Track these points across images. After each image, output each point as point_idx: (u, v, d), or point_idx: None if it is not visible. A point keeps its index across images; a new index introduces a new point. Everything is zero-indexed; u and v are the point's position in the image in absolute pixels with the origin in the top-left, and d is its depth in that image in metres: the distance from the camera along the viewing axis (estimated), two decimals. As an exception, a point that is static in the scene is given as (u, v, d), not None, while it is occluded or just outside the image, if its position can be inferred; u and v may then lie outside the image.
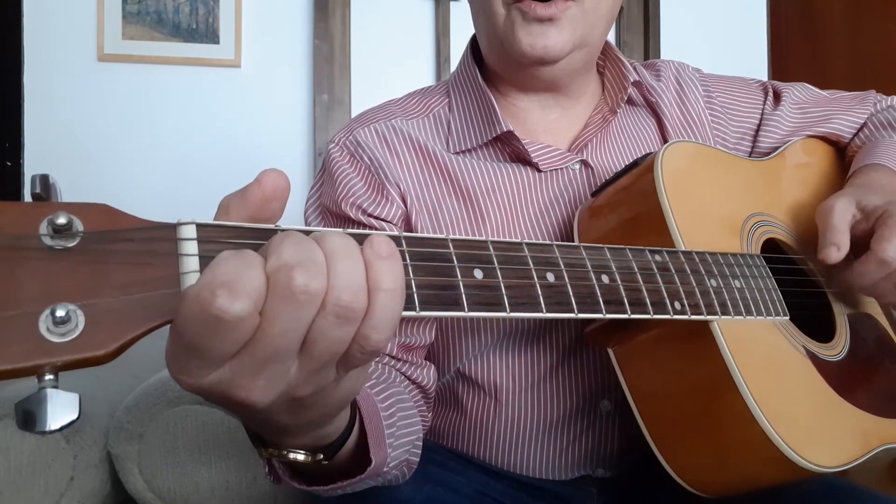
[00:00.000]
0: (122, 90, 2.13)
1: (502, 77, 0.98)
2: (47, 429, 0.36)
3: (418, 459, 0.82)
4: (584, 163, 0.95)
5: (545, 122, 0.98)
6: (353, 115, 2.10)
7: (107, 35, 2.10)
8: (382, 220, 0.90)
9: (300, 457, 0.56)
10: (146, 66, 2.14)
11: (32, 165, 2.08)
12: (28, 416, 0.36)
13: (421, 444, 0.83)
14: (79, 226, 0.38)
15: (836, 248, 0.82)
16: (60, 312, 0.36)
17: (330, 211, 0.92)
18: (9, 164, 2.05)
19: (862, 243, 0.84)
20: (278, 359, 0.41)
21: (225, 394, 0.42)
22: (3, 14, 2.06)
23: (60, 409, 0.36)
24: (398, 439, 0.75)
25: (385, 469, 0.69)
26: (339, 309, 0.40)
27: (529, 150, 0.92)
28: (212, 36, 2.15)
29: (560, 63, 0.89)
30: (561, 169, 0.94)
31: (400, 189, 0.91)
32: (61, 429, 0.36)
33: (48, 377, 0.36)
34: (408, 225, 0.92)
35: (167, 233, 0.41)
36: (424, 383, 0.90)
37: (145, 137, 2.14)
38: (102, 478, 1.19)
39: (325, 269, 0.40)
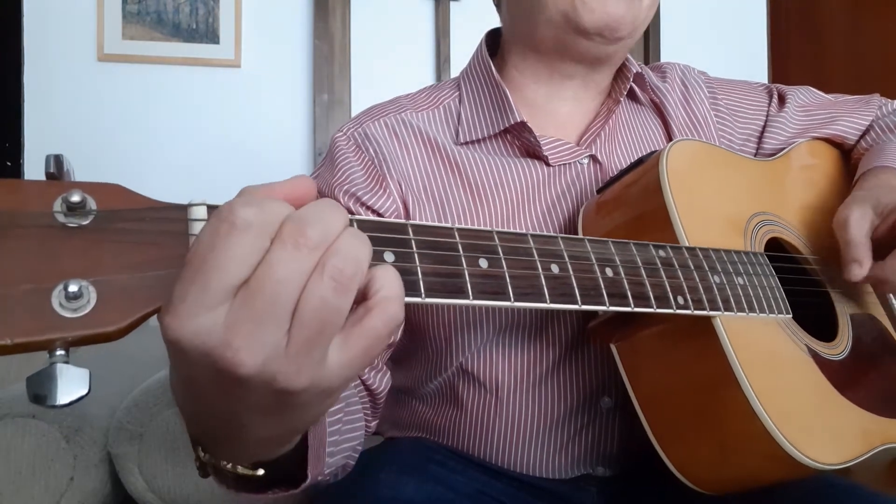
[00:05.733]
0: (122, 90, 2.13)
1: (532, 59, 0.98)
2: (58, 403, 0.37)
3: (354, 462, 0.81)
4: (593, 157, 0.95)
5: (556, 116, 0.98)
6: (353, 114, 2.10)
7: (107, 35, 2.11)
8: (376, 211, 0.90)
9: (240, 469, 0.54)
10: (146, 66, 2.14)
11: (32, 165, 2.08)
12: (39, 390, 0.37)
13: (361, 448, 0.82)
14: (92, 204, 0.38)
15: (859, 265, 0.82)
16: (73, 288, 0.36)
17: (322, 195, 0.92)
18: (9, 164, 2.05)
19: (878, 244, 0.84)
20: (274, 314, 0.39)
21: (214, 350, 0.39)
22: (3, 14, 2.06)
23: (71, 383, 0.37)
24: (338, 446, 0.74)
25: (320, 478, 0.68)
26: (335, 271, 0.39)
27: (541, 143, 0.92)
28: (212, 36, 2.16)
29: (615, 45, 0.91)
30: (570, 163, 0.94)
31: (401, 187, 0.92)
32: (70, 403, 0.37)
33: (59, 352, 0.37)
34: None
35: (179, 213, 0.41)
36: (375, 388, 0.88)
37: (145, 137, 2.14)
38: (102, 478, 1.19)
39: (335, 235, 0.40)
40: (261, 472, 0.54)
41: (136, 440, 1.17)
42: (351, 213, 0.89)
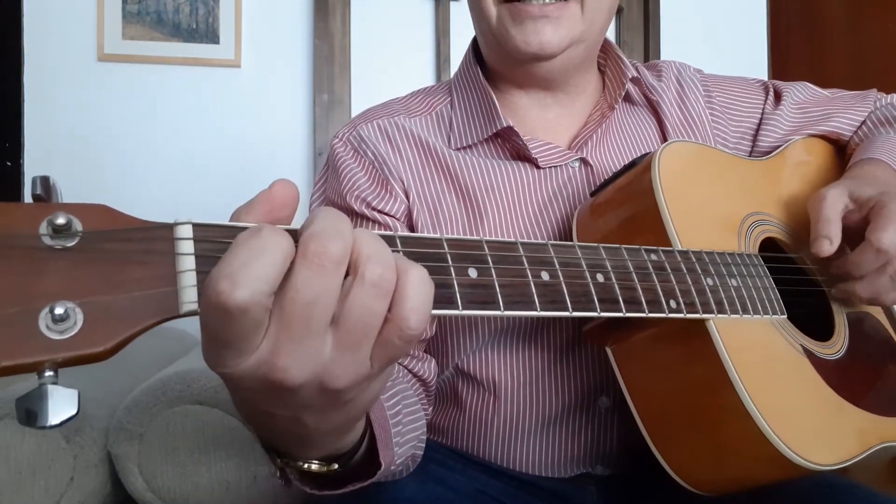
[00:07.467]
0: (122, 90, 2.13)
1: (502, 75, 0.98)
2: (48, 424, 0.37)
3: (422, 452, 0.83)
4: (584, 160, 0.95)
5: (545, 121, 0.98)
6: (353, 114, 2.11)
7: (107, 35, 2.11)
8: (387, 214, 0.91)
9: (314, 467, 0.56)
10: (146, 66, 2.14)
11: (32, 165, 2.08)
12: (29, 411, 0.37)
13: (425, 437, 0.84)
14: (78, 226, 0.39)
15: (829, 241, 0.82)
16: (59, 310, 0.37)
17: (335, 204, 0.93)
18: (9, 164, 2.05)
19: (856, 234, 0.84)
20: (313, 332, 0.41)
21: (265, 377, 0.42)
22: (3, 14, 2.06)
23: (60, 404, 0.37)
24: (404, 436, 0.76)
25: (392, 468, 0.70)
26: (375, 278, 0.41)
27: (529, 146, 0.92)
28: (212, 36, 2.15)
29: (558, 58, 0.90)
30: (560, 166, 0.94)
31: (403, 184, 0.92)
32: (61, 423, 0.37)
33: (48, 373, 0.37)
34: (410, 220, 0.93)
35: (164, 232, 0.41)
36: (425, 376, 0.90)
37: (145, 137, 2.14)
38: (102, 478, 1.19)
39: (352, 241, 0.41)
40: (335, 466, 0.57)
41: (136, 440, 1.17)
42: (365, 217, 0.90)
